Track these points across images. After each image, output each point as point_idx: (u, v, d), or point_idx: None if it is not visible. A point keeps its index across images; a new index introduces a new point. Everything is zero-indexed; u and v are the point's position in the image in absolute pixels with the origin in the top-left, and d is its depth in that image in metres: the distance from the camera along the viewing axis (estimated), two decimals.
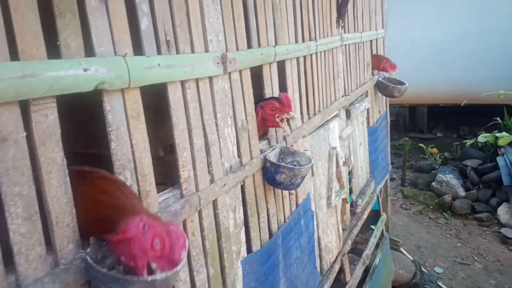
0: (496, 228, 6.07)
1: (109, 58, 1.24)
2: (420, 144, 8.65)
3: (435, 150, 8.63)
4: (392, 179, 7.96)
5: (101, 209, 1.19)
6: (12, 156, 1.00)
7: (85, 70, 1.15)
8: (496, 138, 6.72)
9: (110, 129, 1.28)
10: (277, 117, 2.11)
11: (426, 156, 8.55)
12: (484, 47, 9.00)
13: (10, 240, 1.01)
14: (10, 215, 1.00)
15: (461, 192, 6.79)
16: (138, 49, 1.41)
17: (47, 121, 1.09)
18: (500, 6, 8.83)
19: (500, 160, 6.48)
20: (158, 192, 1.52)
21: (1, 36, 0.97)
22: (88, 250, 1.16)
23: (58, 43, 1.13)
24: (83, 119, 2.20)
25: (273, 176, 2.07)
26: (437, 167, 7.91)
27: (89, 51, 1.22)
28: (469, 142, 7.36)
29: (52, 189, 1.10)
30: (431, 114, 10.29)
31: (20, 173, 1.02)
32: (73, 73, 1.12)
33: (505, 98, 6.84)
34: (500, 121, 7.48)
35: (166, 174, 1.90)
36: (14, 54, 1.00)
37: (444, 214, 6.59)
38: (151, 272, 1.05)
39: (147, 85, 1.40)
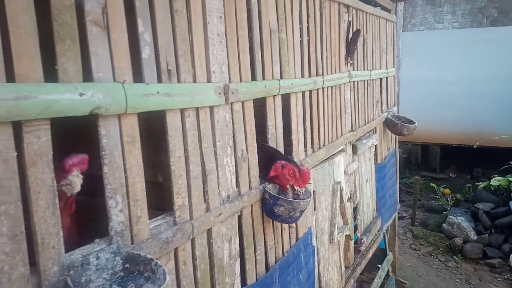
0: (508, 275, 5.84)
1: (106, 84, 1.27)
2: (432, 184, 8.51)
3: (447, 190, 8.48)
4: (401, 218, 7.81)
5: None
6: (0, 174, 1.02)
7: (81, 94, 1.18)
8: (510, 182, 6.58)
9: (103, 153, 1.29)
10: (290, 184, 2.11)
11: (437, 196, 8.39)
12: (497, 91, 9.09)
13: None
14: None
15: (473, 236, 6.60)
16: (138, 76, 1.44)
17: (39, 143, 1.11)
18: None
19: None
20: (151, 218, 1.52)
21: None
22: (71, 272, 1.14)
23: (56, 67, 1.17)
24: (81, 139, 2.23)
25: (271, 208, 2.05)
26: (449, 208, 7.74)
27: (88, 76, 1.25)
28: (482, 184, 7.21)
29: (40, 209, 1.11)
30: (444, 153, 10.18)
31: (8, 192, 1.03)
32: (68, 97, 1.15)
33: None
34: None
35: (164, 200, 1.90)
36: (10, 77, 1.04)
37: (455, 257, 6.39)
38: None
39: (145, 112, 1.43)
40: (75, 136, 1.95)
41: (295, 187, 2.09)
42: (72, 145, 1.54)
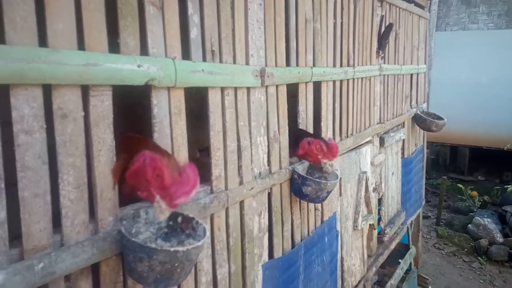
0: None
1: (160, 59, 1.42)
2: (459, 185, 8.42)
3: (474, 193, 8.37)
4: (427, 217, 7.78)
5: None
6: (70, 131, 1.17)
7: (139, 66, 1.33)
8: None
9: (154, 121, 1.44)
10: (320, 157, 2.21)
11: (464, 198, 8.30)
12: None
13: (60, 203, 1.17)
14: (62, 182, 1.17)
15: (499, 238, 6.53)
16: (186, 54, 1.58)
17: (103, 106, 1.26)
18: None
19: None
20: None
21: (72, 30, 1.15)
22: (124, 222, 1.30)
23: (118, 41, 1.32)
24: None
25: (299, 188, 2.16)
26: (475, 210, 7.65)
27: (144, 51, 1.40)
28: (510, 187, 7.11)
29: (100, 165, 1.26)
30: (473, 156, 10.03)
31: (75, 147, 1.19)
32: (129, 68, 1.30)
33: None
34: None
35: (200, 175, 2.05)
36: (81, 47, 1.19)
37: (479, 258, 6.34)
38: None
39: (191, 86, 1.57)
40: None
41: (326, 161, 2.17)
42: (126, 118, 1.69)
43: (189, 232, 1.43)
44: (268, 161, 2.09)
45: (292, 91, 2.31)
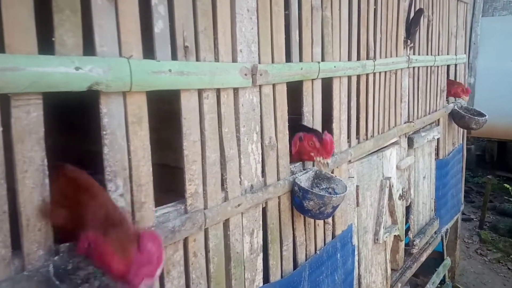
0: None
1: (108, 59, 1.18)
2: (506, 184, 7.74)
3: None
4: (468, 220, 7.22)
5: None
6: None
7: (77, 68, 1.10)
8: None
9: (104, 132, 1.21)
10: (313, 155, 1.94)
11: (511, 199, 7.63)
12: None
13: None
14: None
15: None
16: (150, 52, 1.34)
17: (29, 118, 1.04)
18: None
19: None
20: (167, 203, 1.45)
21: None
22: (56, 258, 1.08)
23: (53, 39, 1.09)
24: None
25: (301, 201, 1.89)
26: None
27: (90, 50, 1.17)
28: None
29: (25, 189, 1.05)
30: None
31: None
32: (62, 71, 1.07)
33: None
34: None
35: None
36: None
37: None
38: None
39: (157, 90, 1.33)
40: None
41: (320, 159, 1.88)
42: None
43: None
44: (263, 171, 1.82)
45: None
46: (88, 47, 1.17)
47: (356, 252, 2.58)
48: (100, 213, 1.07)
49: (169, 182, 1.65)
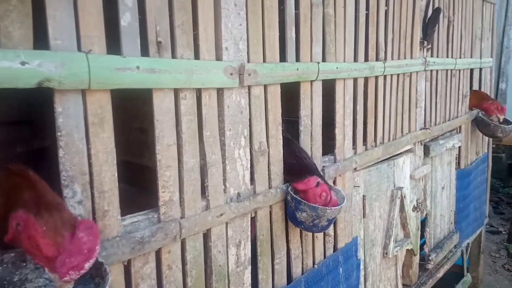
0: None
1: (61, 53, 1.08)
2: None
3: None
4: (497, 232, 6.83)
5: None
6: None
7: (23, 63, 1.00)
8: None
9: (59, 133, 1.11)
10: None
11: None
12: None
13: None
14: None
15: None
16: (117, 47, 1.24)
17: None
18: None
19: None
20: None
21: None
22: None
23: None
24: None
25: (293, 212, 1.74)
26: None
27: (43, 43, 1.07)
28: None
29: None
30: None
31: None
32: (6, 65, 0.98)
33: None
34: None
35: None
36: None
37: None
38: None
39: (122, 89, 1.22)
40: None
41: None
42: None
43: (98, 280, 1.09)
44: (252, 179, 1.69)
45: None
46: (44, 41, 1.08)
47: (362, 267, 2.40)
48: (33, 194, 0.98)
49: None
